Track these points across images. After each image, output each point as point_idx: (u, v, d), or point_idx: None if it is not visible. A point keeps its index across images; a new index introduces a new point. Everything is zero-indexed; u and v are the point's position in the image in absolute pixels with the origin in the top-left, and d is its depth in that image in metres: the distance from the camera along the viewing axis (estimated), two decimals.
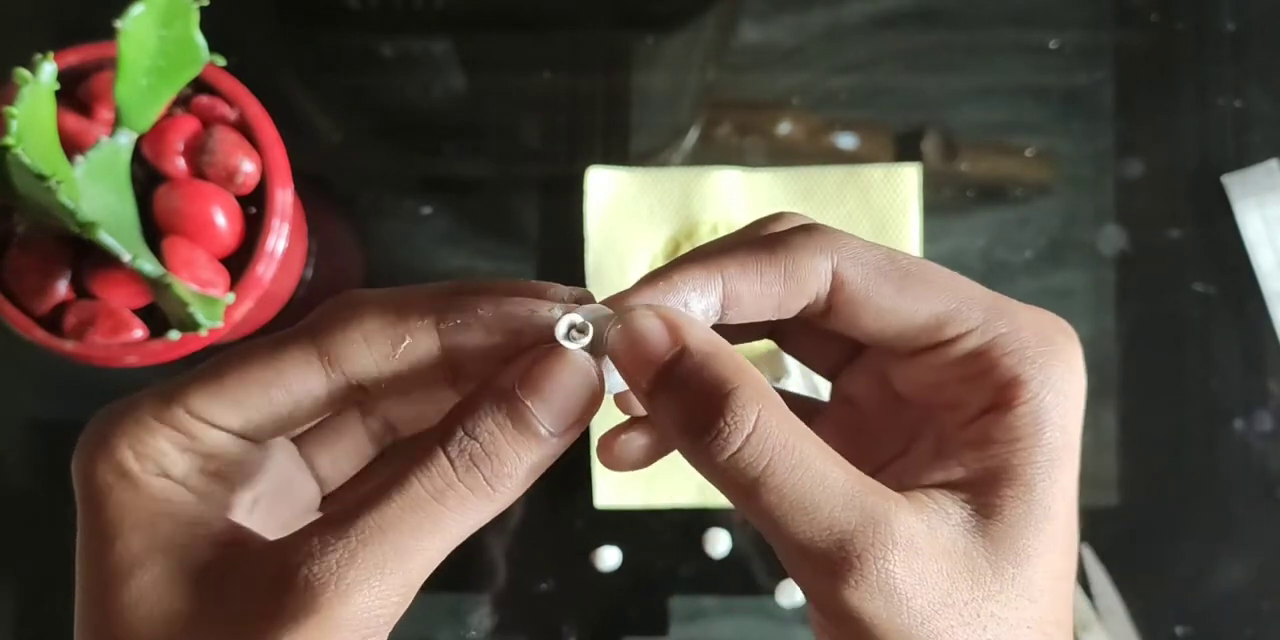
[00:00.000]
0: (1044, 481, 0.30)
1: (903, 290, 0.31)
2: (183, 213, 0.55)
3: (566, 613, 0.69)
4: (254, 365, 0.31)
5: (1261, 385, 0.70)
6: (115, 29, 0.50)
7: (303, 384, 0.31)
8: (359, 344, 0.30)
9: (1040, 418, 0.30)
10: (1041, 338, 0.31)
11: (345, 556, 0.28)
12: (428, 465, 0.29)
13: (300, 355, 0.30)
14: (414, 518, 0.29)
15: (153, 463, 0.31)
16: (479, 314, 0.30)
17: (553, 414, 0.30)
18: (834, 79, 0.72)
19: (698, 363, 0.29)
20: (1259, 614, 0.70)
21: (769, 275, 0.30)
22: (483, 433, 0.29)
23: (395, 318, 0.30)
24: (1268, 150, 0.71)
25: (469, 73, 0.73)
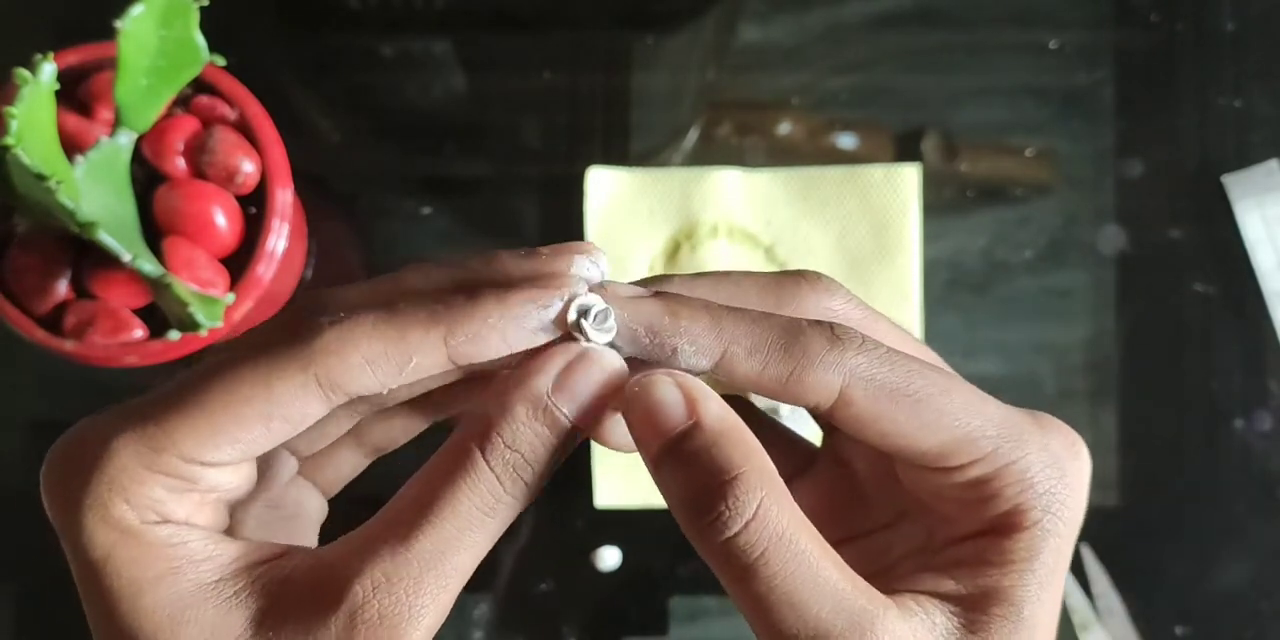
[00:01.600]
0: (1032, 603, 0.30)
1: (912, 418, 0.30)
2: (183, 213, 0.55)
3: (566, 613, 0.69)
4: (245, 396, 0.29)
5: (1261, 385, 0.70)
6: (115, 29, 0.50)
7: (302, 412, 0.29)
8: (360, 369, 0.29)
9: (1037, 545, 0.30)
10: (1050, 464, 0.31)
11: (412, 586, 0.28)
12: (475, 481, 0.29)
13: (296, 384, 0.29)
14: (469, 536, 0.29)
15: (151, 511, 0.29)
16: (489, 324, 0.29)
17: (584, 413, 0.30)
18: (834, 79, 0.72)
19: (708, 441, 0.29)
20: (1259, 614, 0.70)
21: (773, 370, 0.30)
22: (524, 444, 0.29)
23: (397, 337, 0.29)
24: (1268, 150, 0.71)
25: (469, 72, 0.73)
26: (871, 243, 0.70)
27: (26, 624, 0.69)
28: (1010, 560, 0.30)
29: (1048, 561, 0.30)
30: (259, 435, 0.29)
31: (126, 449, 0.29)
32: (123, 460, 0.29)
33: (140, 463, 0.29)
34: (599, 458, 0.69)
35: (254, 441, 0.29)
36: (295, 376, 0.29)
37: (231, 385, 0.29)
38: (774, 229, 0.71)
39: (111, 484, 0.29)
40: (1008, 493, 0.30)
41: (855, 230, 0.71)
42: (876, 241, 0.70)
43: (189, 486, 0.30)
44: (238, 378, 0.29)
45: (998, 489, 0.30)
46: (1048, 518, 0.30)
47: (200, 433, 0.29)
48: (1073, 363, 0.71)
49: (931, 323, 0.71)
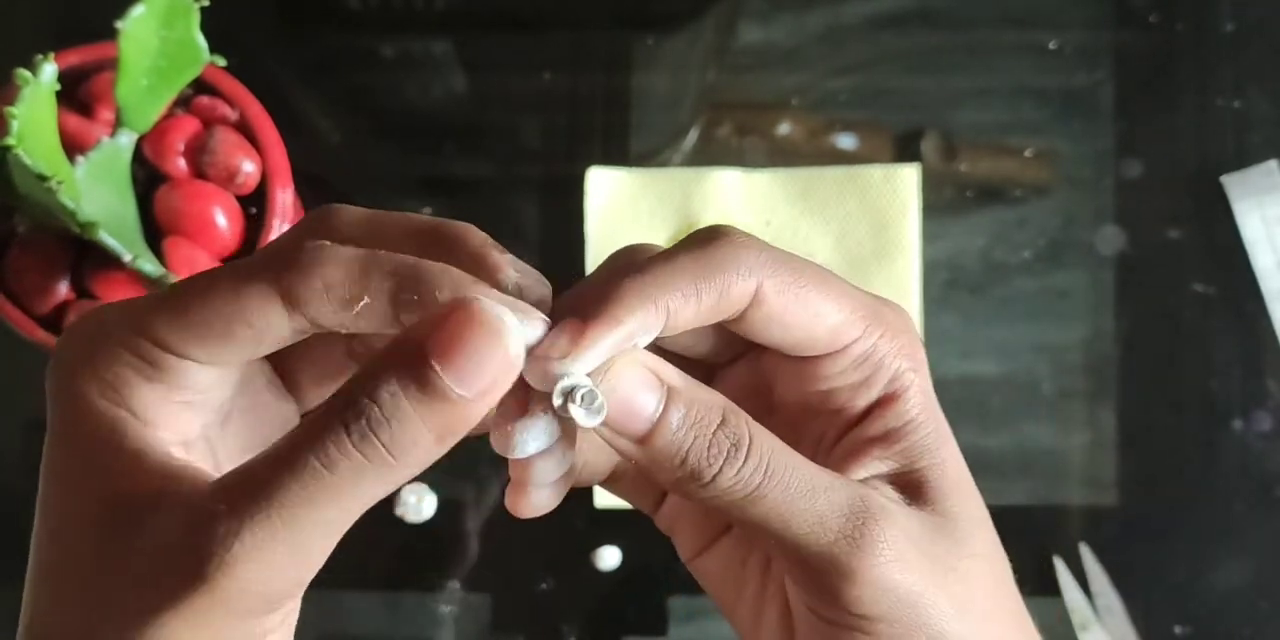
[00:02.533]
0: (941, 447, 0.34)
1: (807, 305, 0.32)
2: (183, 213, 0.55)
3: (566, 612, 0.70)
4: (216, 298, 0.29)
5: (1260, 385, 0.71)
6: (116, 30, 0.50)
7: (265, 321, 0.29)
8: (318, 293, 0.29)
9: (922, 398, 0.34)
10: (900, 329, 0.34)
11: (234, 526, 0.27)
12: (320, 434, 0.27)
13: (262, 292, 0.29)
14: (306, 489, 0.27)
15: (113, 390, 0.30)
16: (435, 297, 0.29)
17: (464, 376, 0.27)
18: (834, 80, 0.73)
19: (688, 399, 0.31)
20: (1258, 613, 0.70)
21: (706, 297, 0.31)
22: (383, 395, 0.27)
23: (359, 274, 0.29)
24: (1267, 151, 0.72)
25: (469, 73, 0.73)
26: (871, 243, 0.70)
27: None
28: (908, 418, 0.34)
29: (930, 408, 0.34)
30: (223, 336, 0.30)
31: (113, 328, 0.30)
32: (106, 339, 0.30)
33: (119, 341, 0.30)
34: None
35: (218, 341, 0.30)
36: (262, 287, 0.29)
37: (209, 286, 0.30)
38: (774, 229, 0.71)
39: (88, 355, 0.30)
40: (885, 363, 0.34)
41: (855, 230, 0.71)
42: (876, 242, 0.70)
43: (155, 373, 0.30)
44: (216, 281, 0.30)
45: (877, 362, 0.33)
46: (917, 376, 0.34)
47: (173, 322, 0.30)
48: (1071, 363, 0.71)
49: (931, 323, 0.71)
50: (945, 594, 0.32)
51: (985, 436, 0.69)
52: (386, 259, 0.29)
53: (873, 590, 0.31)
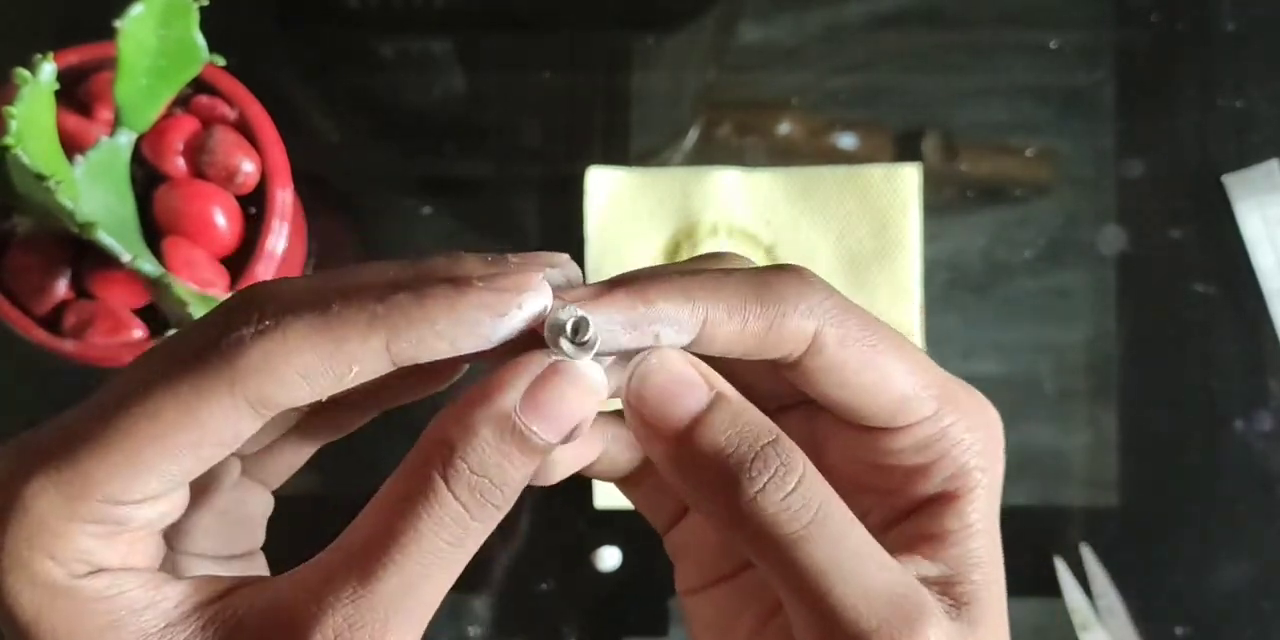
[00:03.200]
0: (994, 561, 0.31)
1: (872, 366, 0.29)
2: (182, 213, 0.55)
3: (566, 613, 0.70)
4: (168, 425, 0.26)
5: (1262, 385, 0.71)
6: (115, 29, 0.50)
7: (234, 434, 0.26)
8: (295, 384, 0.26)
9: (986, 504, 0.31)
10: (982, 427, 0.31)
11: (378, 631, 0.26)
12: (439, 512, 0.26)
13: (225, 406, 0.26)
14: (435, 572, 0.27)
15: (80, 563, 0.26)
16: (435, 330, 0.26)
17: (557, 431, 0.27)
18: (834, 79, 0.73)
19: (737, 409, 0.28)
20: (1260, 614, 0.70)
21: (753, 325, 0.28)
22: (490, 468, 0.27)
23: (332, 347, 0.26)
24: (1268, 150, 0.72)
25: (469, 72, 0.73)
26: (872, 242, 0.70)
27: None
28: (968, 523, 0.30)
29: (990, 514, 0.31)
30: (188, 464, 0.26)
31: (42, 499, 0.26)
32: (39, 513, 0.26)
33: (59, 513, 0.26)
34: None
35: (184, 471, 0.27)
36: (222, 399, 0.26)
37: (152, 413, 0.26)
38: (774, 229, 0.71)
39: (31, 541, 0.26)
40: (952, 453, 0.30)
41: (855, 230, 0.71)
42: (877, 241, 0.70)
43: (118, 529, 0.27)
44: (158, 405, 0.26)
45: (943, 451, 0.30)
46: (986, 476, 0.31)
47: (123, 471, 0.26)
48: (1073, 363, 0.71)
49: (931, 323, 0.71)
50: None
51: None
52: (357, 312, 0.26)
53: None
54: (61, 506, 0.26)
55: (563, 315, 0.27)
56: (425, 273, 0.28)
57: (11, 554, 0.26)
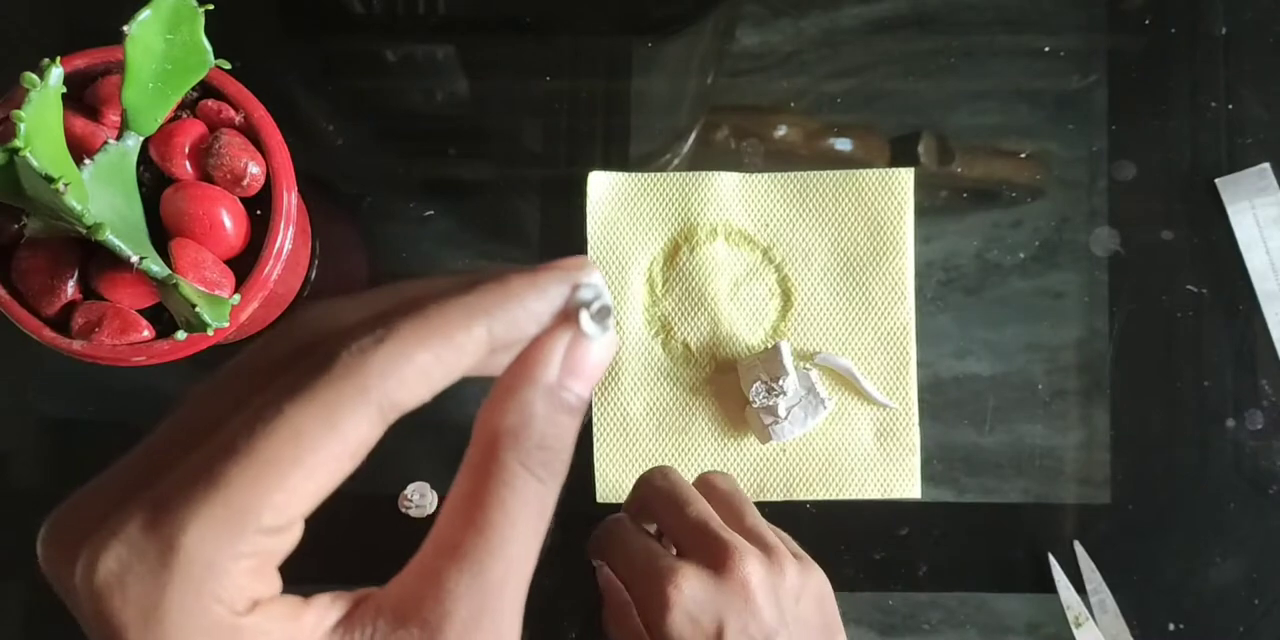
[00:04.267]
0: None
1: None
2: (189, 215, 0.55)
3: (568, 609, 0.70)
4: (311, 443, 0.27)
5: (1253, 385, 0.71)
6: (122, 34, 0.50)
7: (368, 439, 0.28)
8: (417, 382, 0.28)
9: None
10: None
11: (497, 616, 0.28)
12: (523, 490, 0.29)
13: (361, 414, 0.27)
14: (531, 546, 0.29)
15: (242, 600, 0.27)
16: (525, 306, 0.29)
17: (589, 388, 0.30)
18: (830, 83, 0.73)
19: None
20: (1251, 611, 0.70)
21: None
22: (550, 437, 0.29)
23: (444, 341, 0.28)
24: (1260, 153, 0.72)
25: (471, 77, 0.74)
26: (867, 244, 0.71)
27: (35, 621, 0.70)
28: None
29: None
30: (327, 479, 0.27)
31: (205, 542, 0.26)
32: (204, 555, 0.26)
33: (221, 552, 0.26)
34: (600, 455, 0.70)
35: (324, 488, 0.27)
36: (359, 408, 0.27)
37: (293, 435, 0.26)
38: (771, 231, 0.71)
39: (199, 588, 0.26)
40: None
41: (851, 232, 0.71)
42: (872, 243, 0.71)
43: (270, 559, 0.27)
44: (297, 426, 0.26)
45: None
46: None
47: (275, 497, 0.26)
48: (1066, 363, 0.71)
49: (925, 323, 0.71)
50: None
51: (980, 436, 0.69)
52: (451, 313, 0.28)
53: None
54: (225, 547, 0.26)
55: (586, 294, 0.30)
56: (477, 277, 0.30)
57: (182, 607, 0.26)
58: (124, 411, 0.70)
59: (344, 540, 0.31)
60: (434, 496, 0.69)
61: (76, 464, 0.69)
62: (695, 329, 0.71)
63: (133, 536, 0.26)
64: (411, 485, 0.69)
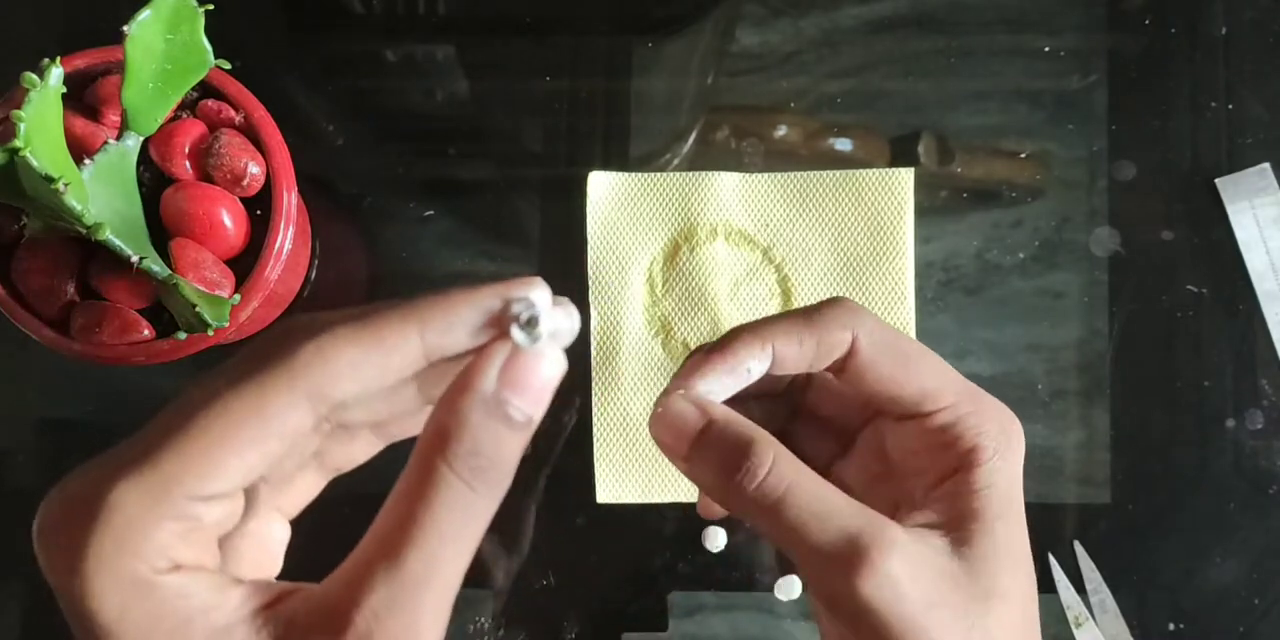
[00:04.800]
0: (1001, 520, 0.37)
1: (900, 366, 0.39)
2: (189, 215, 0.55)
3: (567, 608, 0.70)
4: (237, 421, 0.29)
5: (1253, 384, 0.71)
6: (122, 34, 0.50)
7: (295, 427, 0.30)
8: (346, 375, 0.30)
9: (994, 475, 0.38)
10: (996, 418, 0.39)
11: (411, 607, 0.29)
12: (447, 493, 0.30)
13: (286, 400, 0.29)
14: (454, 547, 0.30)
15: (161, 559, 0.29)
16: (460, 316, 0.31)
17: (534, 403, 0.32)
18: (830, 83, 0.73)
19: (723, 426, 0.37)
20: (1251, 611, 0.70)
21: (807, 342, 0.39)
22: (484, 445, 0.30)
23: (375, 339, 0.30)
24: (1260, 153, 0.72)
25: (471, 77, 0.74)
26: (867, 245, 0.71)
27: (32, 620, 0.70)
28: (976, 489, 0.38)
29: (1006, 491, 0.38)
30: (255, 458, 0.29)
31: (128, 499, 0.28)
32: (126, 512, 0.28)
33: (144, 511, 0.28)
34: (600, 455, 0.70)
35: (251, 466, 0.29)
36: (284, 393, 0.29)
37: (222, 412, 0.29)
38: (771, 231, 0.71)
39: (119, 540, 0.28)
40: (968, 435, 0.38)
41: (851, 232, 0.71)
42: (872, 243, 0.71)
43: (194, 525, 0.29)
44: (226, 405, 0.29)
45: (960, 431, 0.38)
46: (998, 457, 0.38)
47: (200, 466, 0.29)
48: (1066, 363, 0.71)
49: (925, 323, 0.71)
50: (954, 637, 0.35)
51: None
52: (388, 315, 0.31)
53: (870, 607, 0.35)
54: (147, 505, 0.28)
55: (518, 307, 0.32)
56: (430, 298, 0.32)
57: (98, 555, 0.28)
58: (124, 412, 0.70)
59: (337, 542, 0.31)
60: None
61: (76, 464, 0.69)
62: (695, 329, 0.71)
63: (70, 490, 0.29)
64: None
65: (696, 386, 0.39)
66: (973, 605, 0.36)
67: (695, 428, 0.38)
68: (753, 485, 0.36)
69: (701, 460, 0.37)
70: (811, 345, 0.39)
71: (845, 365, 0.39)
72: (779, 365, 0.39)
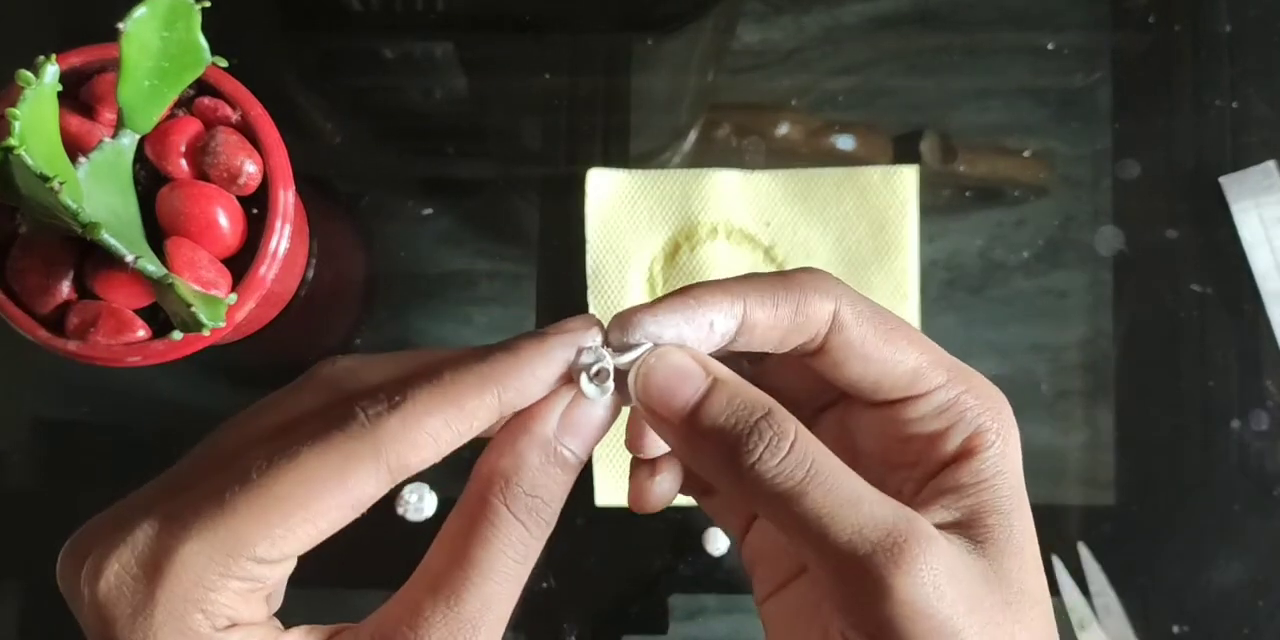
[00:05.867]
0: (1017, 513, 0.33)
1: (888, 342, 0.34)
2: (185, 213, 0.55)
3: (567, 610, 0.70)
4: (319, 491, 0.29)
5: (1258, 385, 0.71)
6: (118, 31, 0.50)
7: (371, 497, 0.30)
8: (426, 446, 0.30)
9: (1001, 461, 0.34)
10: (990, 397, 0.35)
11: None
12: (506, 533, 0.31)
13: (370, 471, 0.30)
14: (508, 587, 0.31)
15: (223, 617, 0.29)
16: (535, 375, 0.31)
17: (585, 447, 0.32)
18: (832, 81, 0.73)
19: (732, 389, 0.32)
20: (1256, 612, 0.70)
21: (783, 307, 0.33)
22: (541, 488, 0.31)
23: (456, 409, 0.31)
24: (1264, 152, 0.72)
25: (470, 75, 0.74)
26: (870, 243, 0.71)
27: (29, 621, 0.70)
28: (983, 478, 0.34)
29: (1011, 474, 0.34)
30: (327, 525, 0.30)
31: (201, 558, 0.29)
32: (197, 570, 0.29)
33: (215, 571, 0.29)
34: (599, 457, 0.70)
35: (321, 533, 0.30)
36: (368, 465, 0.30)
37: (305, 480, 0.29)
38: (773, 230, 0.71)
39: (186, 596, 0.29)
40: (966, 417, 0.34)
41: (854, 231, 0.71)
42: (875, 242, 0.71)
43: (257, 587, 0.30)
44: (310, 472, 0.29)
45: (957, 416, 0.34)
46: (1000, 439, 0.34)
47: (274, 531, 0.29)
48: (1069, 362, 0.71)
49: (929, 322, 0.71)
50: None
51: None
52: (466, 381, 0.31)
53: (908, 611, 0.30)
54: (218, 565, 0.29)
55: (587, 358, 0.32)
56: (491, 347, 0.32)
57: (167, 608, 0.29)
58: (119, 412, 0.70)
59: (340, 542, 0.31)
60: (433, 498, 0.69)
61: (71, 465, 0.69)
62: None
63: (138, 544, 0.29)
64: (409, 486, 0.69)
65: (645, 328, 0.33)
66: (1008, 610, 0.32)
67: (696, 390, 0.32)
68: (773, 462, 0.31)
69: (703, 433, 0.32)
70: (788, 312, 0.33)
71: (825, 343, 0.34)
72: (747, 332, 0.33)
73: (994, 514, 0.33)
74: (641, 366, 0.32)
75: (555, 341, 0.32)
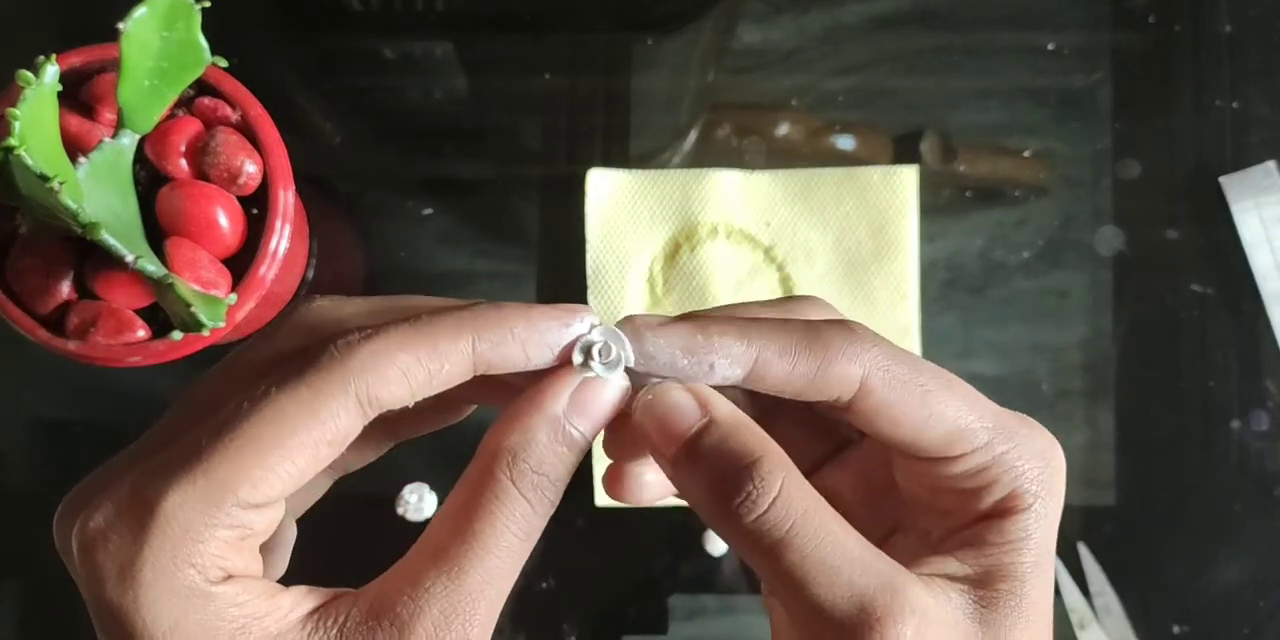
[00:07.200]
0: (1033, 578, 0.32)
1: (924, 405, 0.32)
2: (185, 214, 0.55)
3: (567, 611, 0.70)
4: (291, 426, 0.29)
5: (1258, 385, 0.71)
6: (118, 31, 0.50)
7: (346, 431, 0.30)
8: (396, 381, 0.30)
9: (1032, 526, 0.33)
10: (1037, 454, 0.34)
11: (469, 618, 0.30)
12: (510, 508, 0.31)
13: (340, 404, 0.29)
14: (511, 562, 0.31)
15: (215, 569, 0.29)
16: (514, 333, 0.31)
17: (594, 427, 0.32)
18: (833, 81, 0.73)
19: (725, 432, 0.31)
20: (1256, 613, 0.70)
21: (802, 367, 0.31)
22: (547, 465, 0.31)
23: (429, 346, 0.30)
24: (1265, 152, 0.72)
25: (470, 74, 0.74)
26: (870, 243, 0.71)
27: (29, 621, 0.70)
28: (1009, 540, 0.32)
29: (1042, 541, 0.33)
30: (306, 463, 0.29)
31: (182, 507, 0.28)
32: (181, 520, 0.28)
33: (199, 519, 0.28)
34: (599, 458, 0.70)
35: (303, 471, 0.29)
36: (338, 397, 0.29)
37: (276, 417, 0.29)
38: (773, 230, 0.71)
39: (175, 551, 0.28)
40: (1004, 479, 0.33)
41: (854, 231, 0.71)
42: (875, 242, 0.71)
43: (245, 533, 0.29)
44: (279, 409, 0.29)
45: (995, 476, 0.33)
46: (1039, 502, 0.33)
47: (254, 473, 0.29)
48: (1070, 363, 0.71)
49: (929, 323, 0.71)
50: None
51: None
52: (443, 323, 0.31)
53: None
54: (203, 514, 0.28)
55: (596, 337, 0.32)
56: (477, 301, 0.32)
57: (155, 565, 0.28)
58: (119, 412, 0.70)
59: (339, 541, 0.31)
60: (432, 498, 0.69)
61: (72, 465, 0.69)
62: None
63: (120, 498, 0.29)
64: (409, 486, 0.69)
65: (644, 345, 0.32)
66: None
67: (690, 427, 0.32)
68: (751, 516, 0.30)
69: (692, 470, 0.31)
70: (807, 371, 0.31)
71: (850, 406, 0.32)
72: (756, 380, 0.32)
73: (1008, 579, 0.32)
74: (640, 400, 0.33)
75: (541, 310, 0.32)
